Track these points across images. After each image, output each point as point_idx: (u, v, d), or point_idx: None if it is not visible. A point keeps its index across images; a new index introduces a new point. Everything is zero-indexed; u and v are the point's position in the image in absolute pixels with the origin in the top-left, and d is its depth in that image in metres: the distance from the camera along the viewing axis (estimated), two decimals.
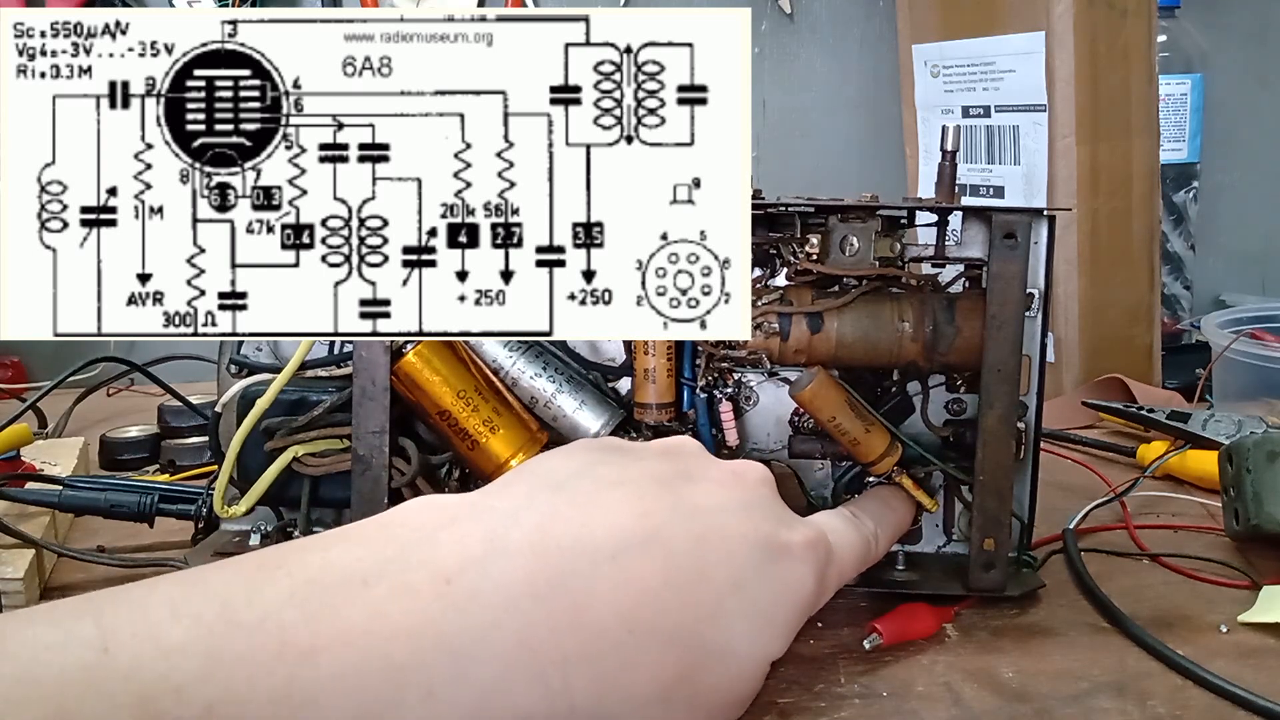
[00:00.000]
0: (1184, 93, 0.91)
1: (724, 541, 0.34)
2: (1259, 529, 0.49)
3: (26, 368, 0.96)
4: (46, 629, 0.26)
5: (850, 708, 0.39)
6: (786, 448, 0.49)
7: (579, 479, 0.34)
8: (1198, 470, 0.62)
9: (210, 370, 0.51)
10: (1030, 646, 0.43)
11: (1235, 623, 0.45)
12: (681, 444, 0.39)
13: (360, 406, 0.46)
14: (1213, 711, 0.38)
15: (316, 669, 0.27)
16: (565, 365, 0.49)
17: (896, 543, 0.47)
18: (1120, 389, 0.76)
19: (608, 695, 0.31)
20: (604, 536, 0.32)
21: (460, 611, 0.29)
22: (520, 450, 0.47)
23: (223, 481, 0.47)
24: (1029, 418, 0.47)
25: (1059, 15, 0.76)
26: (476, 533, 0.31)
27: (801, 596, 0.36)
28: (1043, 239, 0.46)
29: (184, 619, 0.27)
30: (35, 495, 0.51)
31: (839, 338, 0.46)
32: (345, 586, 0.29)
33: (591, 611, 0.31)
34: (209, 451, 0.55)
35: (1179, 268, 0.94)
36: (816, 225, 0.46)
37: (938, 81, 0.88)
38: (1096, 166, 0.78)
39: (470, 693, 0.29)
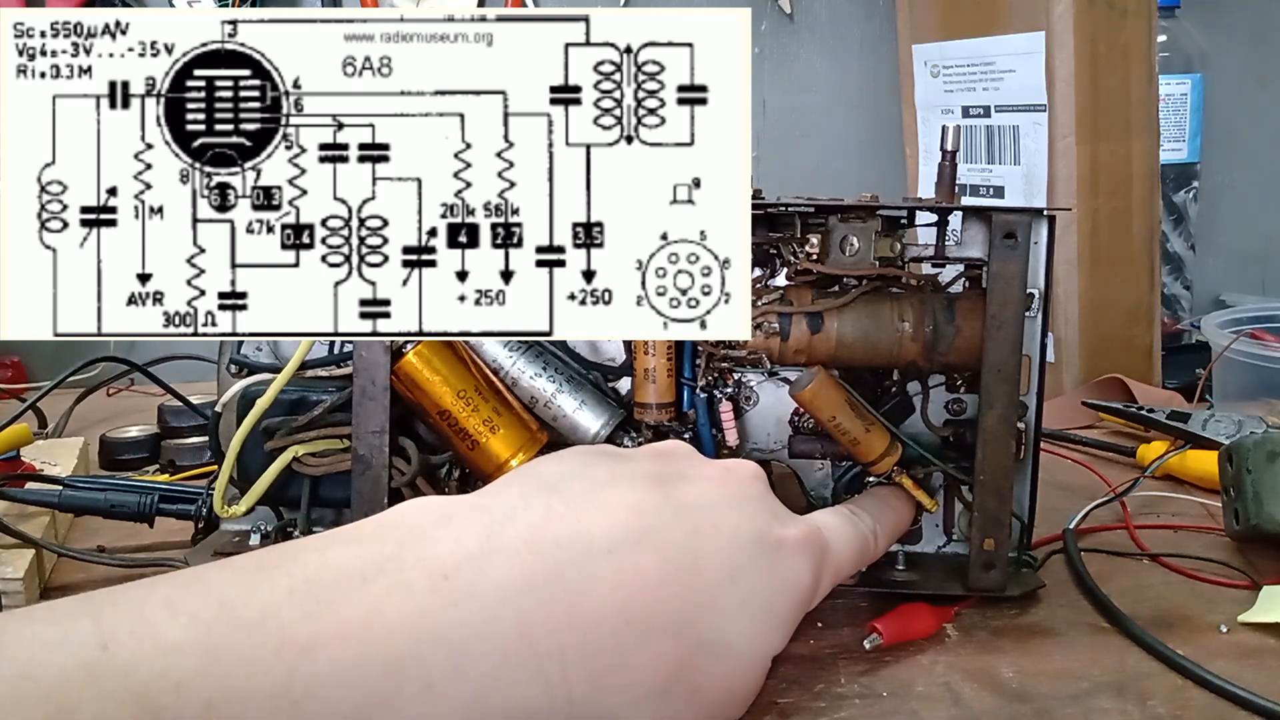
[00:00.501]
0: (1184, 93, 0.91)
1: (718, 535, 0.34)
2: (1259, 529, 0.49)
3: (26, 368, 0.96)
4: (45, 628, 0.26)
5: (850, 708, 0.39)
6: (786, 448, 0.49)
7: (573, 479, 0.34)
8: (1198, 470, 0.62)
9: (210, 370, 0.51)
10: (1030, 646, 0.43)
11: (1235, 623, 0.45)
12: (674, 447, 0.39)
13: (360, 406, 0.46)
14: (1213, 711, 0.38)
15: (315, 664, 0.28)
16: (565, 365, 0.49)
17: (896, 543, 0.47)
18: (1120, 389, 0.76)
19: (605, 687, 0.31)
20: (599, 532, 0.32)
21: (457, 607, 0.30)
22: (520, 450, 0.47)
23: (223, 481, 0.47)
24: (1029, 418, 0.47)
25: (1059, 15, 0.76)
26: (473, 530, 0.31)
27: (798, 590, 0.36)
28: (1043, 239, 0.46)
29: (182, 617, 0.27)
30: (35, 495, 0.51)
31: (839, 338, 0.46)
32: (343, 584, 0.29)
33: (588, 605, 0.31)
34: (209, 451, 0.55)
35: (1179, 268, 0.94)
36: (816, 225, 0.46)
37: (938, 81, 0.88)
38: (1096, 166, 0.78)
39: (468, 686, 0.29)
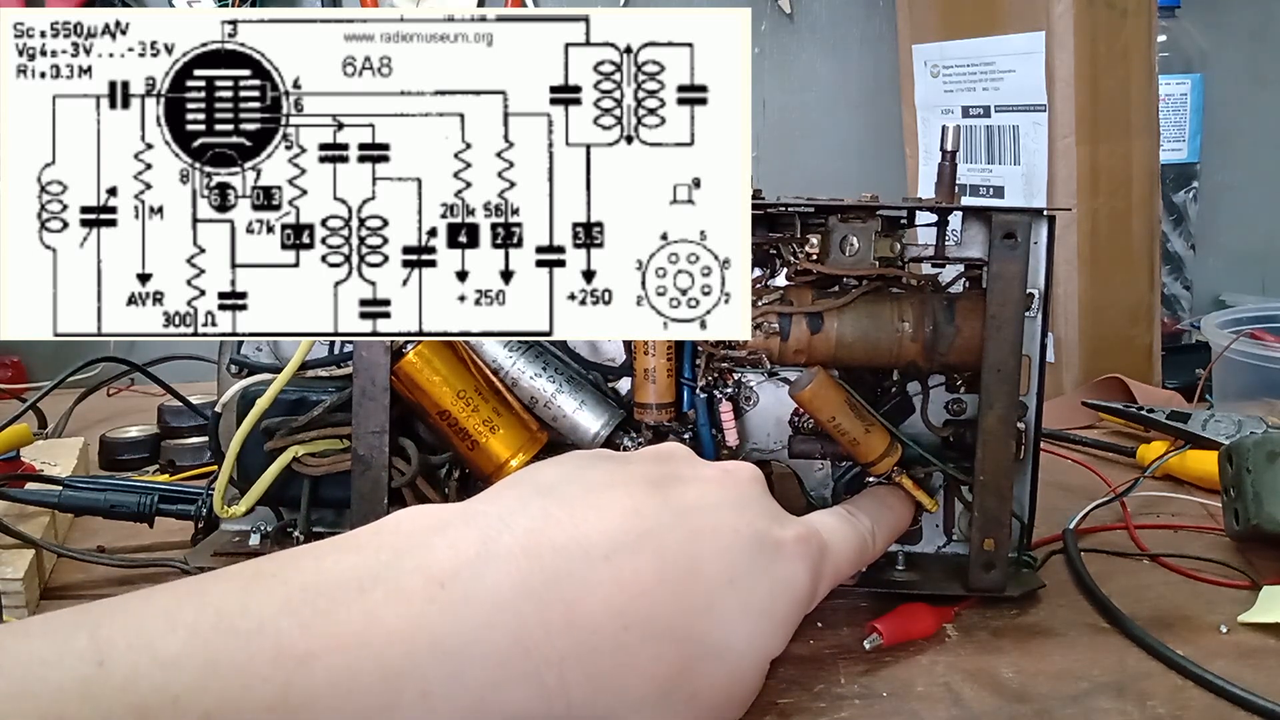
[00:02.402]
0: (1184, 93, 0.91)
1: (716, 538, 0.34)
2: (1259, 529, 0.49)
3: (26, 368, 0.96)
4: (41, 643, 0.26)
5: (850, 708, 0.39)
6: (786, 448, 0.49)
7: (569, 484, 0.34)
8: (1198, 470, 0.62)
9: (210, 370, 0.51)
10: (1030, 646, 0.43)
11: (1235, 623, 0.45)
12: (671, 449, 0.39)
13: (360, 406, 0.46)
14: (1213, 711, 0.38)
15: (312, 674, 0.27)
16: (565, 365, 0.49)
17: (896, 543, 0.47)
18: (1120, 389, 0.76)
19: (604, 693, 0.31)
20: (596, 537, 0.32)
21: (454, 614, 0.30)
22: (520, 450, 0.47)
23: (223, 481, 0.47)
24: (1029, 418, 0.47)
25: (1059, 15, 0.76)
26: (469, 537, 0.31)
27: (796, 592, 0.36)
28: (1043, 239, 0.46)
29: (179, 629, 0.27)
30: (35, 495, 0.51)
31: (839, 338, 0.46)
32: (340, 592, 0.29)
33: (585, 610, 0.31)
34: (209, 451, 0.55)
35: (1179, 268, 0.94)
36: (816, 225, 0.46)
37: (938, 81, 0.88)
38: (1096, 167, 0.78)
39: (466, 693, 0.29)
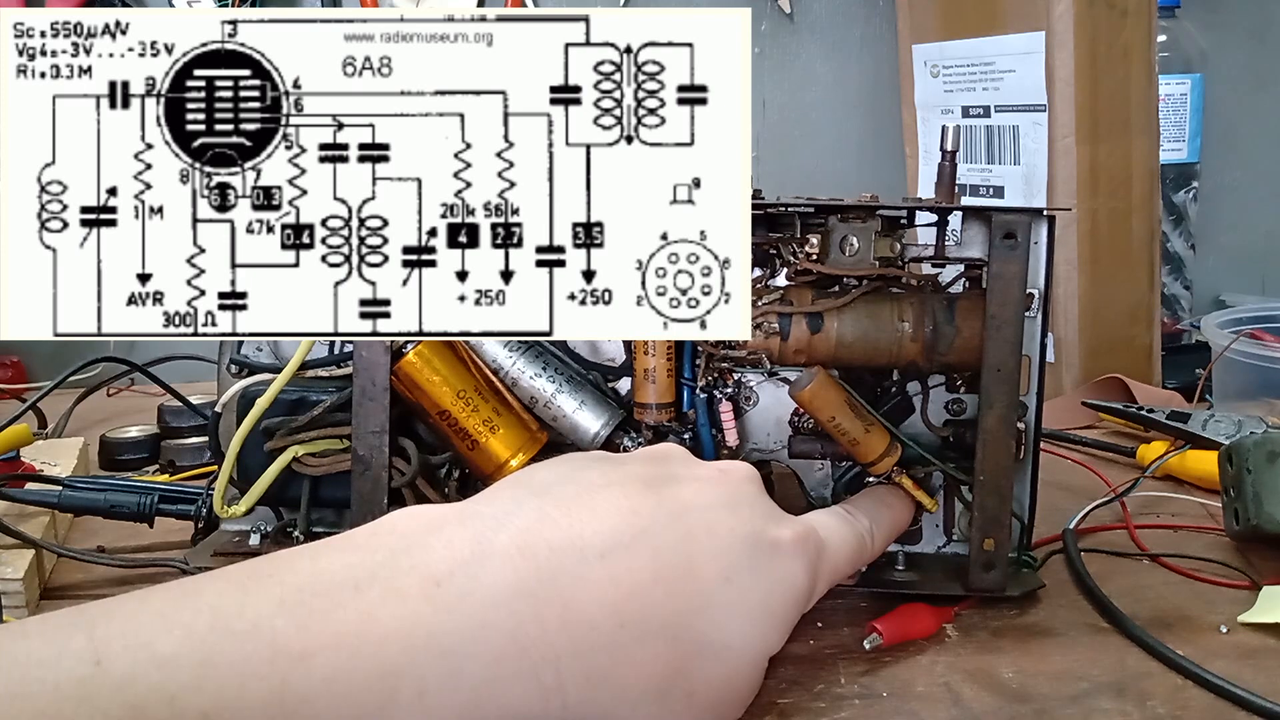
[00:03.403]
0: (1184, 93, 0.91)
1: (712, 537, 0.34)
2: (1259, 529, 0.49)
3: (26, 368, 0.96)
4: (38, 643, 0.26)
5: (850, 708, 0.39)
6: (786, 448, 0.49)
7: (565, 484, 0.34)
8: (1198, 470, 0.62)
9: (210, 370, 0.51)
10: (1030, 646, 0.43)
11: (1235, 623, 0.45)
12: (667, 450, 0.39)
13: (360, 406, 0.46)
14: (1213, 711, 0.38)
15: (309, 673, 0.27)
16: (565, 365, 0.49)
17: (896, 543, 0.47)
18: (1120, 389, 0.76)
19: (601, 691, 0.31)
20: (592, 536, 0.32)
21: (450, 613, 0.30)
22: (520, 450, 0.47)
23: (223, 481, 0.47)
24: (1029, 418, 0.47)
25: (1059, 15, 0.76)
26: (464, 537, 0.31)
27: (794, 591, 0.36)
28: (1043, 239, 0.46)
29: (176, 629, 0.27)
30: (35, 495, 0.51)
31: (839, 338, 0.46)
32: (336, 592, 0.29)
33: (581, 608, 0.31)
34: (209, 451, 0.55)
35: (1179, 268, 0.94)
36: (816, 225, 0.46)
37: (938, 81, 0.88)
38: (1096, 166, 0.78)
39: (462, 692, 0.29)
